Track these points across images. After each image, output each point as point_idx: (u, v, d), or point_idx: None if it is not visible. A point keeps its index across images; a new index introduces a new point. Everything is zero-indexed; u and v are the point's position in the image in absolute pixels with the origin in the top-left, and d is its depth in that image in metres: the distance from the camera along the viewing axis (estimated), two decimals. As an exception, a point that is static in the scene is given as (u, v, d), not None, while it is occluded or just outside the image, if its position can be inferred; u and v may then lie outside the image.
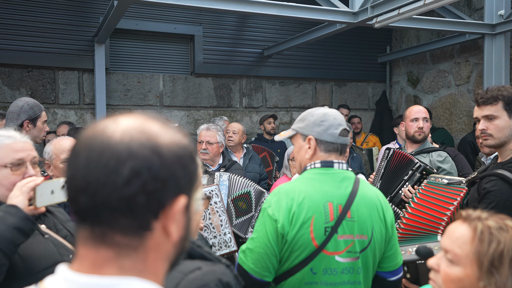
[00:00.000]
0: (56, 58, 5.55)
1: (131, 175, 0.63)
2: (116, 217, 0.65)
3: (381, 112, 7.20)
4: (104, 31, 4.99)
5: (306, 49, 6.65)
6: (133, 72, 6.05)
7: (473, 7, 5.88)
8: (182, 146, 0.70)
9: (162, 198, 0.66)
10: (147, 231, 0.66)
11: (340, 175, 1.71)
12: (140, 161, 0.64)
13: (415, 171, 2.94)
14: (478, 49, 5.76)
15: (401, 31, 7.07)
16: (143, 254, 0.67)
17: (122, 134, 0.66)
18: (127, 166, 0.63)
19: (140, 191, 0.64)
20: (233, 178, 2.96)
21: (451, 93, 6.26)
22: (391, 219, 1.75)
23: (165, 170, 0.66)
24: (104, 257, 0.66)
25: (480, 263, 1.03)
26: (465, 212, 1.13)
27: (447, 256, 1.10)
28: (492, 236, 1.04)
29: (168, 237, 0.69)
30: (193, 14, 6.15)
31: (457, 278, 1.07)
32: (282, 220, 1.60)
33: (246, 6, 4.22)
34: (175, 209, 0.68)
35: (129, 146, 0.65)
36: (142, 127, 0.68)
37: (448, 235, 1.13)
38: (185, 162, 0.69)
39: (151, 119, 0.71)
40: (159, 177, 0.65)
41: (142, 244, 0.67)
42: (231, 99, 6.55)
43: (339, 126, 1.72)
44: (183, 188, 0.69)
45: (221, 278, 1.03)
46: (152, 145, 0.66)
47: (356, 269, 1.66)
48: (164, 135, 0.68)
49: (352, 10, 4.46)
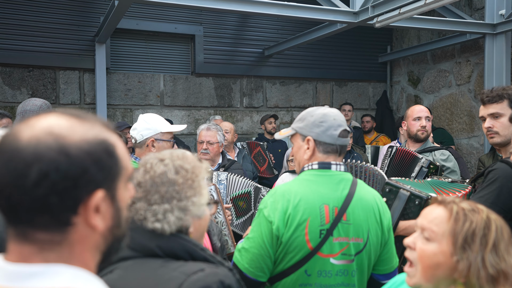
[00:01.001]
0: (57, 58, 5.56)
1: (39, 177, 0.66)
2: (33, 217, 0.68)
3: (381, 112, 7.19)
4: (105, 31, 4.99)
5: (307, 49, 6.65)
6: (134, 72, 6.06)
7: (474, 7, 5.88)
8: (95, 142, 0.72)
9: (76, 195, 0.69)
10: (68, 226, 0.70)
11: (338, 177, 1.69)
12: (46, 163, 0.67)
13: (422, 166, 2.95)
14: (479, 49, 5.75)
15: (402, 31, 7.07)
16: (68, 247, 0.71)
17: (30, 138, 0.68)
18: (34, 169, 0.66)
19: (51, 191, 0.67)
20: (231, 177, 2.96)
21: (452, 93, 6.26)
22: (388, 222, 1.73)
23: (75, 168, 0.68)
24: (28, 252, 0.70)
25: (455, 240, 1.13)
26: (441, 197, 1.25)
27: (424, 234, 1.19)
28: (466, 217, 1.15)
29: (93, 230, 0.72)
30: (194, 14, 6.15)
31: (432, 253, 1.16)
32: (278, 222, 1.59)
33: (247, 6, 4.22)
34: (92, 204, 0.70)
35: (36, 149, 0.67)
36: (50, 128, 0.70)
37: (424, 216, 1.23)
38: (97, 157, 0.71)
39: (65, 118, 0.73)
40: (69, 176, 0.68)
41: (65, 238, 0.70)
42: (231, 99, 6.55)
43: (339, 127, 1.70)
44: (99, 183, 0.71)
45: (223, 280, 1.04)
46: (58, 146, 0.68)
47: (350, 272, 1.65)
48: (73, 134, 0.70)
49: (352, 10, 4.46)
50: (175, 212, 1.15)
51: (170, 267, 1.08)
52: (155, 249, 1.11)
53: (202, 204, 1.21)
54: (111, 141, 0.75)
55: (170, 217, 1.14)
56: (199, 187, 1.21)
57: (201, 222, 1.26)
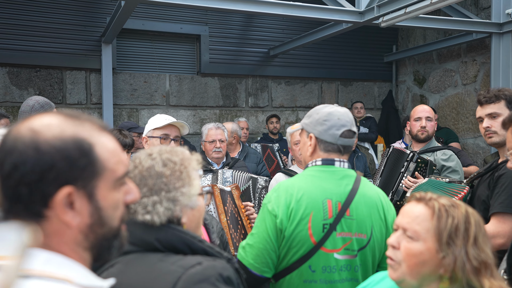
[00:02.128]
0: (63, 58, 5.60)
1: (11, 169, 0.73)
2: (10, 204, 0.74)
3: (387, 112, 7.17)
4: (111, 31, 5.02)
5: (312, 49, 6.65)
6: (140, 72, 6.09)
7: (480, 6, 5.85)
8: (69, 141, 0.76)
9: (44, 189, 0.73)
10: (41, 218, 0.75)
11: (341, 173, 1.70)
12: (17, 156, 0.73)
13: (409, 161, 3.00)
14: (485, 48, 5.73)
15: (408, 30, 7.05)
16: (44, 237, 0.75)
17: (16, 133, 0.75)
18: (8, 161, 0.73)
19: (20, 182, 0.73)
20: (236, 174, 2.97)
21: (458, 92, 6.24)
22: (392, 219, 1.74)
23: (42, 163, 0.73)
24: None
25: (440, 236, 1.16)
26: (419, 194, 1.26)
27: (407, 233, 1.21)
28: (448, 213, 1.18)
29: (67, 225, 0.76)
30: (199, 14, 6.17)
31: (418, 252, 1.18)
32: (281, 215, 1.61)
33: (252, 6, 4.23)
34: (59, 199, 0.74)
35: (14, 143, 0.74)
36: (32, 124, 0.76)
37: (405, 215, 1.24)
38: (68, 155, 0.74)
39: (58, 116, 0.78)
40: (36, 170, 0.72)
41: (41, 229, 0.75)
42: (237, 98, 6.56)
43: (342, 127, 1.69)
44: (69, 180, 0.75)
45: (221, 273, 1.05)
46: (31, 141, 0.74)
47: (353, 267, 1.66)
48: (49, 131, 0.75)
49: (358, 10, 4.45)
50: (164, 203, 1.16)
51: (169, 261, 1.09)
52: (155, 242, 1.13)
53: (193, 194, 1.22)
54: (90, 141, 0.78)
55: (159, 208, 1.15)
56: (189, 178, 1.22)
57: (194, 212, 1.27)
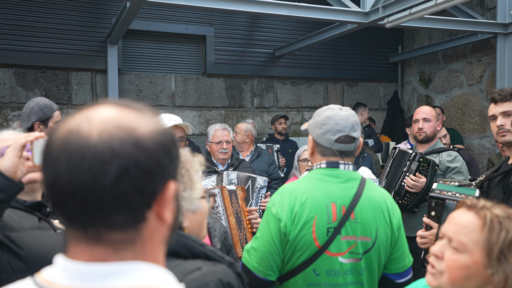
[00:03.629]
0: (69, 59, 5.63)
1: (119, 174, 0.63)
2: (110, 216, 0.65)
3: (392, 112, 7.16)
4: (117, 32, 5.05)
5: (318, 49, 6.65)
6: (145, 72, 6.11)
7: (485, 7, 5.83)
8: (162, 133, 0.70)
9: (153, 189, 0.67)
10: (142, 223, 0.67)
11: (346, 175, 1.69)
12: (125, 159, 0.64)
13: (412, 160, 3.02)
14: (490, 48, 5.70)
15: (413, 31, 7.03)
16: (141, 244, 0.68)
17: (100, 133, 0.65)
18: (113, 166, 0.63)
19: (131, 187, 0.64)
20: (241, 175, 2.98)
21: (464, 93, 6.21)
22: (397, 221, 1.73)
23: (152, 161, 0.66)
24: (101, 253, 0.66)
25: (490, 251, 1.05)
26: (470, 201, 1.15)
27: (452, 244, 1.11)
28: (501, 225, 1.07)
29: (162, 223, 0.70)
30: (204, 14, 6.19)
31: (464, 265, 1.08)
32: (285, 219, 1.61)
33: (257, 7, 4.24)
34: (167, 196, 0.69)
35: (110, 145, 0.64)
36: (117, 121, 0.67)
37: (452, 223, 1.14)
38: (168, 148, 0.69)
39: (123, 109, 0.70)
40: (147, 170, 0.65)
41: (139, 235, 0.68)
42: (242, 99, 6.58)
43: (338, 133, 1.66)
44: (170, 174, 0.70)
45: (221, 278, 1.03)
46: (133, 140, 0.65)
47: (358, 270, 1.65)
48: (142, 126, 0.68)
49: (363, 10, 4.45)
50: None
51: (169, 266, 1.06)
52: None
53: (195, 198, 1.21)
54: (171, 131, 0.73)
55: None
56: (190, 181, 1.20)
57: (196, 216, 1.26)
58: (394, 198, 3.06)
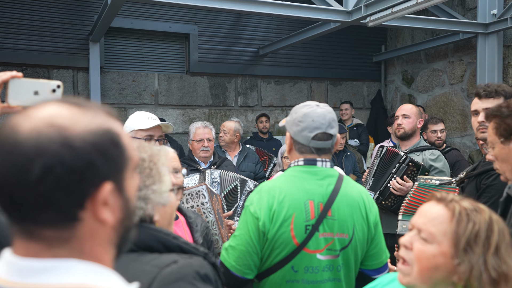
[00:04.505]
0: (50, 56, 5.55)
1: (43, 172, 0.62)
2: (37, 214, 0.64)
3: (376, 111, 7.22)
4: (99, 30, 4.99)
5: (301, 48, 6.67)
6: (128, 70, 6.05)
7: (466, 7, 5.91)
8: (99, 133, 0.67)
9: (83, 190, 0.65)
10: (75, 222, 0.66)
11: (323, 173, 1.69)
12: (50, 157, 0.62)
13: (401, 163, 3.02)
14: (471, 48, 5.79)
15: (396, 30, 7.10)
16: (78, 243, 0.67)
17: (30, 130, 0.64)
18: (37, 164, 0.62)
19: (56, 187, 0.63)
20: (224, 174, 2.97)
21: (445, 92, 6.30)
22: (374, 218, 1.74)
23: (80, 161, 0.64)
24: (35, 249, 0.66)
25: (457, 242, 1.08)
26: (439, 194, 1.18)
27: (421, 235, 1.13)
28: (469, 217, 1.10)
29: (102, 223, 0.69)
30: (188, 12, 6.15)
31: (432, 255, 1.11)
32: (264, 217, 1.60)
33: (241, 5, 4.23)
34: (100, 198, 0.67)
35: (37, 142, 0.62)
36: (51, 119, 0.65)
37: (423, 215, 1.16)
38: (103, 149, 0.67)
39: (67, 107, 0.68)
40: (74, 170, 0.63)
41: (74, 234, 0.66)
42: (226, 98, 6.56)
43: (315, 130, 1.66)
44: (106, 175, 0.67)
45: (198, 271, 1.03)
46: (62, 138, 0.64)
47: (336, 267, 1.66)
48: (76, 125, 0.66)
49: (346, 9, 4.48)
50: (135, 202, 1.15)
51: (143, 261, 1.06)
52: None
53: (164, 191, 1.20)
54: (116, 130, 0.71)
55: None
56: (159, 174, 1.19)
57: (166, 209, 1.26)
58: (378, 198, 3.08)
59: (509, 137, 1.64)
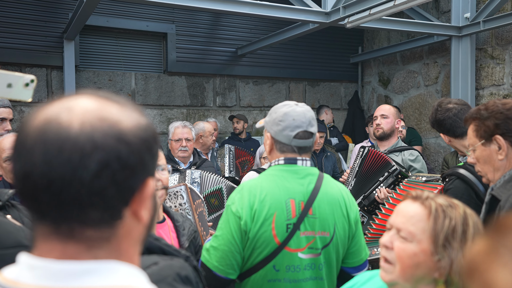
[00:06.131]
0: (23, 54, 5.39)
1: (100, 168, 0.60)
2: (86, 212, 0.61)
3: (353, 112, 7.30)
4: (74, 27, 4.88)
5: (280, 49, 6.69)
6: (104, 69, 5.94)
7: (440, 10, 6.04)
8: (145, 128, 0.67)
9: (132, 185, 0.64)
10: (118, 220, 0.64)
11: (304, 171, 1.70)
12: (107, 152, 0.60)
13: (391, 173, 2.98)
14: (445, 50, 5.92)
15: (373, 32, 7.20)
16: (117, 243, 0.65)
17: (81, 124, 0.61)
18: (93, 159, 0.59)
19: (111, 182, 0.61)
20: (205, 175, 2.94)
21: (421, 93, 6.42)
22: (355, 216, 1.76)
23: (134, 157, 0.63)
24: (74, 251, 0.62)
25: (436, 238, 1.11)
26: (415, 193, 1.21)
27: (401, 234, 1.16)
28: (445, 214, 1.13)
29: (138, 221, 0.67)
30: (166, 11, 6.09)
31: (412, 253, 1.13)
32: (245, 217, 1.59)
33: (219, 4, 4.21)
34: (146, 194, 0.66)
35: (92, 137, 0.60)
36: (100, 113, 0.63)
37: (400, 214, 1.19)
38: (150, 144, 0.66)
39: (105, 101, 0.67)
40: (129, 165, 0.62)
41: (114, 233, 0.64)
42: (204, 98, 6.52)
43: (296, 129, 1.67)
44: (150, 171, 0.67)
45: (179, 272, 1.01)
46: (116, 133, 0.62)
47: (317, 265, 1.66)
48: (126, 120, 0.65)
49: (324, 10, 4.51)
50: None
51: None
52: None
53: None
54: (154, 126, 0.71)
55: None
56: None
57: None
58: (361, 202, 3.07)
59: (490, 139, 1.67)
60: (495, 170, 1.69)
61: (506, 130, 1.64)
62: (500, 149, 1.65)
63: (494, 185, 1.71)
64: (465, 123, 1.81)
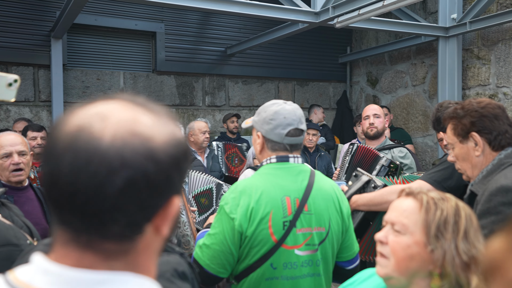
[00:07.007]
0: (9, 52, 5.32)
1: (126, 185, 0.59)
2: (107, 226, 0.61)
3: (342, 112, 7.35)
4: (61, 26, 4.83)
5: (269, 48, 6.70)
6: (92, 68, 5.89)
7: (428, 11, 6.11)
8: (175, 145, 0.65)
9: (156, 203, 0.63)
10: (138, 235, 0.63)
11: (296, 168, 1.71)
12: (135, 170, 0.59)
13: (383, 165, 3.03)
14: (433, 51, 5.99)
15: (361, 33, 7.26)
16: (135, 255, 0.64)
17: (113, 137, 0.60)
18: (120, 176, 0.59)
19: (135, 200, 0.60)
20: (193, 174, 2.94)
21: (408, 93, 6.48)
22: (347, 210, 1.79)
23: (161, 176, 0.62)
24: (90, 261, 0.62)
25: (428, 229, 1.14)
26: (408, 189, 1.25)
27: (395, 228, 1.19)
28: (436, 206, 1.16)
29: (158, 235, 0.66)
30: (155, 10, 6.06)
31: (406, 245, 1.15)
32: (240, 218, 1.59)
33: (208, 3, 4.20)
34: (170, 212, 0.65)
35: (122, 153, 0.59)
36: (133, 126, 0.62)
37: (394, 210, 1.23)
38: (179, 162, 0.65)
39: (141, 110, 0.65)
40: (155, 184, 0.61)
41: (133, 247, 0.64)
42: (193, 97, 6.50)
43: (288, 126, 1.69)
44: (176, 189, 0.65)
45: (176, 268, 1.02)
46: (147, 151, 0.61)
47: (315, 261, 1.68)
48: (158, 135, 0.63)
49: (314, 10, 4.53)
50: None
51: None
52: None
53: None
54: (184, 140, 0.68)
55: None
56: None
57: None
58: None
59: (466, 136, 1.75)
60: (473, 166, 1.77)
61: (482, 127, 1.71)
62: (477, 145, 1.73)
63: (474, 181, 1.77)
64: (444, 123, 1.88)
